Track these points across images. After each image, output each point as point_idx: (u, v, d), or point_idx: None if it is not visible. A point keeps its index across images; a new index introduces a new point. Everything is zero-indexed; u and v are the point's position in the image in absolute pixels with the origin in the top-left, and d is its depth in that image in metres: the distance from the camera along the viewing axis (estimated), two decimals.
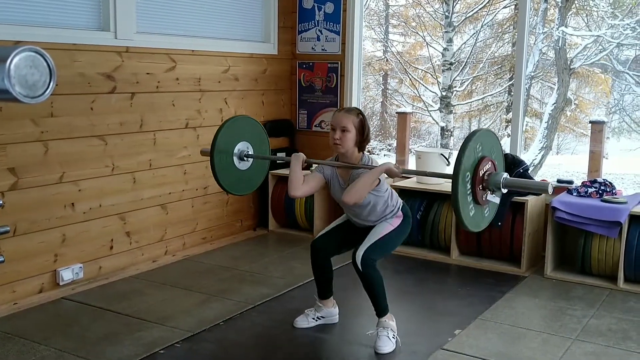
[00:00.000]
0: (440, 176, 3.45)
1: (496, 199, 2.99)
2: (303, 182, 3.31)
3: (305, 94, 5.78)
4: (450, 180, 2.79)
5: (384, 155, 13.44)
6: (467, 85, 13.41)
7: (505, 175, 2.93)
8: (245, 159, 3.70)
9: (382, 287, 3.31)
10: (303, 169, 3.34)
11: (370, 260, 3.24)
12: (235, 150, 3.65)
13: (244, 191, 3.91)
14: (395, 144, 6.00)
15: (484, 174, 2.87)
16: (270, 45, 5.58)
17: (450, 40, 12.38)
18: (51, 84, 1.34)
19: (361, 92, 5.78)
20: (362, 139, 3.27)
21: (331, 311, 3.62)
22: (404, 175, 3.68)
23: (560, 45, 11.07)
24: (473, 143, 2.81)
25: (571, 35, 11.27)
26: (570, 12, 11.33)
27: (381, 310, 3.35)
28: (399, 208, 3.39)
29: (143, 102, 4.46)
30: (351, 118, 3.24)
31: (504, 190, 2.95)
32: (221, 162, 3.59)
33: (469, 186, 2.82)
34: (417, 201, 4.97)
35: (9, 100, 1.29)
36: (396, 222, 3.37)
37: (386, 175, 3.25)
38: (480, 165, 2.85)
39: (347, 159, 3.30)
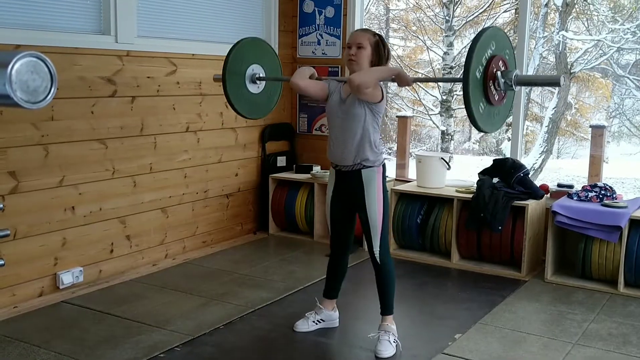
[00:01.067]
0: (451, 80, 3.47)
1: (509, 98, 2.99)
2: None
3: (305, 98, 5.78)
4: (462, 88, 2.79)
5: (385, 159, 13.43)
6: None
7: (517, 72, 2.92)
8: (257, 82, 3.71)
9: (395, 281, 3.39)
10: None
11: (387, 252, 3.35)
12: (248, 73, 3.66)
13: (257, 115, 3.92)
14: (395, 148, 5.99)
15: (495, 72, 2.85)
16: None
17: (450, 44, 12.40)
18: (52, 89, 1.35)
19: None
20: (378, 59, 3.26)
21: (331, 314, 3.62)
22: (415, 82, 3.68)
23: (560, 49, 11.08)
24: (483, 41, 2.78)
25: (571, 39, 11.28)
26: (571, 17, 11.35)
27: (388, 307, 3.38)
28: (381, 162, 3.36)
29: (144, 106, 4.47)
30: (367, 36, 3.25)
31: (517, 88, 2.94)
32: (233, 84, 3.59)
33: (481, 83, 2.81)
34: (418, 205, 4.97)
35: (10, 105, 1.30)
36: (379, 185, 3.31)
37: (397, 84, 3.23)
38: (491, 63, 2.83)
39: None
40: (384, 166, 3.38)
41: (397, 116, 6.11)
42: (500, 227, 4.53)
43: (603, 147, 4.83)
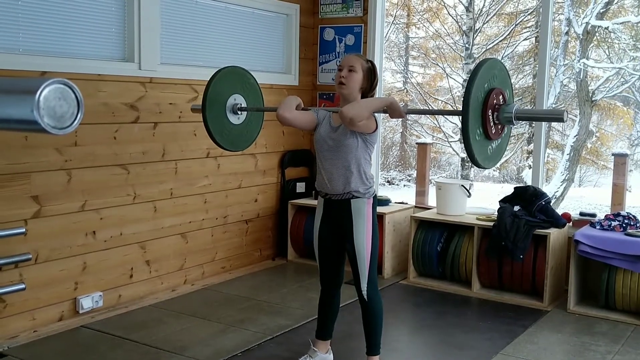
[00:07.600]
0: (450, 113, 3.39)
1: (507, 133, 2.90)
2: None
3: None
4: (462, 128, 2.70)
5: (404, 185, 13.41)
6: None
7: (517, 106, 2.83)
8: (238, 112, 3.60)
9: (382, 319, 3.24)
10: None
11: (375, 288, 3.19)
12: (228, 104, 3.54)
13: (240, 147, 3.78)
14: (415, 175, 5.98)
15: (494, 106, 2.77)
16: (291, 77, 5.63)
17: (470, 72, 12.42)
18: (79, 115, 1.36)
19: (381, 123, 5.79)
20: (369, 86, 3.15)
21: (326, 357, 3.44)
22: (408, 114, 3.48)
23: (581, 77, 11.04)
24: (482, 74, 2.70)
25: (592, 67, 11.24)
26: (592, 45, 11.32)
27: (375, 347, 3.24)
28: (372, 194, 3.19)
29: (165, 132, 4.51)
30: (360, 61, 3.14)
31: (516, 123, 2.84)
32: (213, 116, 3.47)
33: (479, 119, 2.72)
34: (438, 233, 4.93)
35: (37, 131, 1.31)
36: (369, 216, 3.15)
37: (388, 115, 3.08)
38: (490, 96, 2.73)
39: (347, 103, 3.08)
40: (374, 197, 3.22)
41: (416, 143, 6.11)
42: (521, 256, 4.48)
43: (626, 175, 4.78)
